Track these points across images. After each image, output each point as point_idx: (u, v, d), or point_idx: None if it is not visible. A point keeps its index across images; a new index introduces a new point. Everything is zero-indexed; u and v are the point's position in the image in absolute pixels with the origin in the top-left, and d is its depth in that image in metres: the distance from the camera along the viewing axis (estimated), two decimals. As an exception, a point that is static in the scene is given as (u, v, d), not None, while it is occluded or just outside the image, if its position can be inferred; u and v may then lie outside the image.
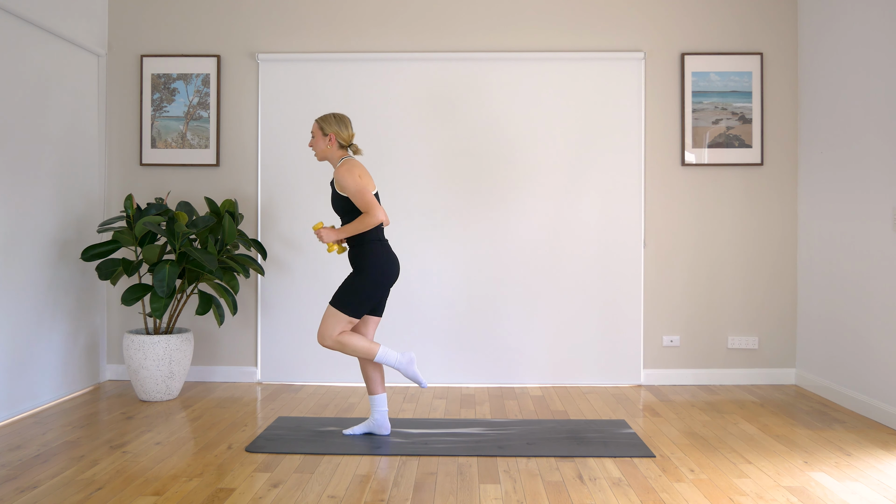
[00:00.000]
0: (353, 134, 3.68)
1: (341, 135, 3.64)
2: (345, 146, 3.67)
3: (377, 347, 3.60)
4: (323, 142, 3.64)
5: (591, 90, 4.93)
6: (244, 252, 5.02)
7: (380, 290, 3.61)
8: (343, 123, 3.66)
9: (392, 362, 3.61)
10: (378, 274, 3.56)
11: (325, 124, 3.64)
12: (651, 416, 4.14)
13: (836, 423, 3.97)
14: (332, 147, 3.64)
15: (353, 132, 3.69)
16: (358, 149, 3.71)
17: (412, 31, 4.97)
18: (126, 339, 4.45)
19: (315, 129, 3.66)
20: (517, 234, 4.92)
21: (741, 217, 4.95)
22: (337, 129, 3.63)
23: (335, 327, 3.55)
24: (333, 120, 3.64)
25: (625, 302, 4.93)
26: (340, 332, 3.56)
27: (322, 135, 3.64)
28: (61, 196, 4.52)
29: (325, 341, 3.57)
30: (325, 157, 3.68)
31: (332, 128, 3.63)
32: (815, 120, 4.73)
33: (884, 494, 2.95)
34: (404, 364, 3.63)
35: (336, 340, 3.56)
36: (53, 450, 3.47)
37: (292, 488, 2.99)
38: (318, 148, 3.67)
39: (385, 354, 3.60)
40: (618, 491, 2.97)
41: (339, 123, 3.65)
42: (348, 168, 3.54)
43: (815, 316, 4.72)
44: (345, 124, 3.66)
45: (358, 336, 3.60)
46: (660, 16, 4.97)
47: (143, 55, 4.99)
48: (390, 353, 3.62)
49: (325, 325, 3.57)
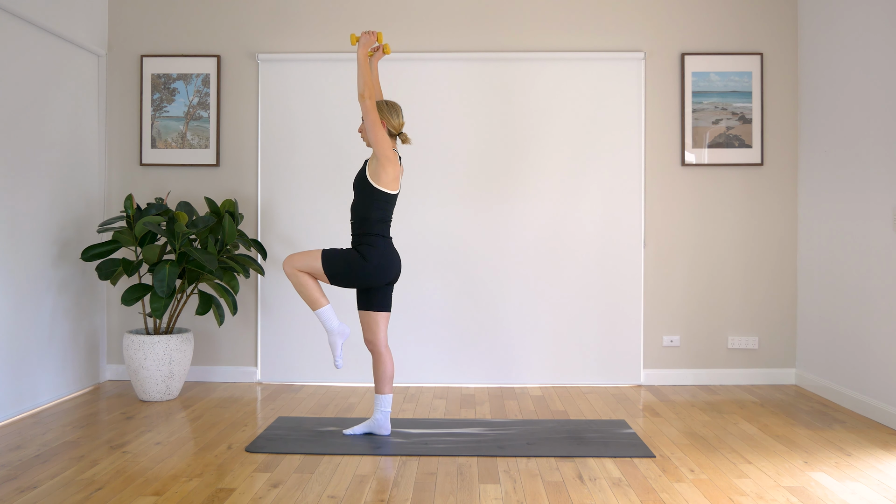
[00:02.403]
0: (403, 122, 3.63)
1: (392, 122, 3.59)
2: (394, 134, 3.62)
3: (324, 304, 3.59)
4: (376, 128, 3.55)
5: (591, 90, 4.93)
6: (244, 252, 5.02)
7: (365, 281, 3.58)
8: (395, 111, 3.60)
9: (326, 323, 3.61)
10: (374, 265, 3.55)
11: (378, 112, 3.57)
12: (651, 416, 4.14)
13: (836, 423, 3.97)
14: (382, 134, 3.53)
15: (404, 121, 3.66)
16: (407, 138, 3.67)
17: (411, 31, 4.97)
18: (126, 339, 4.45)
19: None
20: (517, 233, 4.92)
21: (741, 217, 4.95)
22: (389, 116, 3.58)
23: (306, 262, 3.55)
24: (385, 107, 3.58)
25: (625, 302, 4.93)
26: (303, 270, 3.56)
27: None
28: (61, 196, 4.52)
29: (288, 266, 3.58)
30: (370, 143, 3.59)
31: (383, 115, 3.58)
32: (815, 120, 4.73)
33: (884, 494, 2.95)
34: (335, 332, 3.62)
35: (295, 272, 3.56)
36: (53, 450, 3.47)
37: (292, 488, 2.99)
38: (368, 132, 3.53)
39: (326, 313, 3.59)
40: (618, 491, 2.97)
41: (390, 111, 3.59)
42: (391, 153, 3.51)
43: (815, 316, 4.72)
44: (396, 111, 3.60)
45: (315, 283, 3.59)
46: (660, 16, 4.97)
47: (143, 55, 4.99)
48: (332, 316, 3.61)
49: (300, 254, 3.58)
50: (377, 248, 3.56)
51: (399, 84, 4.93)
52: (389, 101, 3.63)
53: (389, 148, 3.52)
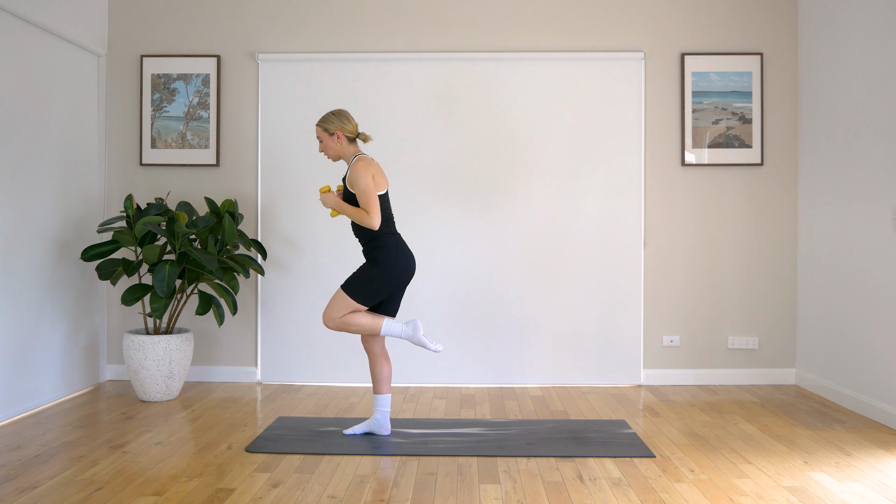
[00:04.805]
0: (356, 124, 3.68)
1: (346, 128, 3.63)
2: (353, 138, 3.67)
3: (381, 321, 3.60)
4: (332, 141, 3.64)
5: (591, 90, 4.93)
6: (244, 252, 5.02)
7: (393, 283, 3.59)
8: (344, 117, 3.65)
9: (398, 333, 3.61)
10: (392, 266, 3.55)
11: (328, 124, 3.63)
12: (651, 416, 4.14)
13: (836, 423, 3.97)
14: (343, 143, 3.63)
15: (356, 122, 3.70)
16: (367, 136, 3.70)
17: (412, 31, 4.97)
18: (126, 339, 4.45)
19: (319, 132, 3.65)
20: (517, 233, 4.92)
21: (741, 217, 4.95)
22: (340, 124, 3.63)
23: (340, 310, 3.56)
24: (333, 117, 3.64)
25: (625, 302, 4.92)
26: (345, 315, 3.56)
27: (328, 135, 3.63)
28: (61, 196, 4.51)
29: (329, 322, 3.59)
30: (340, 156, 3.67)
31: (335, 125, 3.62)
32: (815, 120, 4.73)
33: (884, 494, 2.95)
34: (410, 332, 3.62)
35: (340, 322, 3.57)
36: (53, 450, 3.47)
37: (292, 488, 2.99)
38: (330, 149, 3.65)
39: (390, 327, 3.60)
40: (618, 491, 2.97)
41: (339, 118, 3.64)
42: (365, 165, 3.54)
43: (815, 316, 4.72)
44: (346, 117, 3.65)
45: (360, 316, 3.59)
46: (660, 16, 4.97)
47: (143, 55, 4.99)
48: (395, 325, 3.61)
49: (331, 306, 3.58)
50: (389, 248, 3.57)
51: (399, 84, 4.94)
52: (335, 111, 3.66)
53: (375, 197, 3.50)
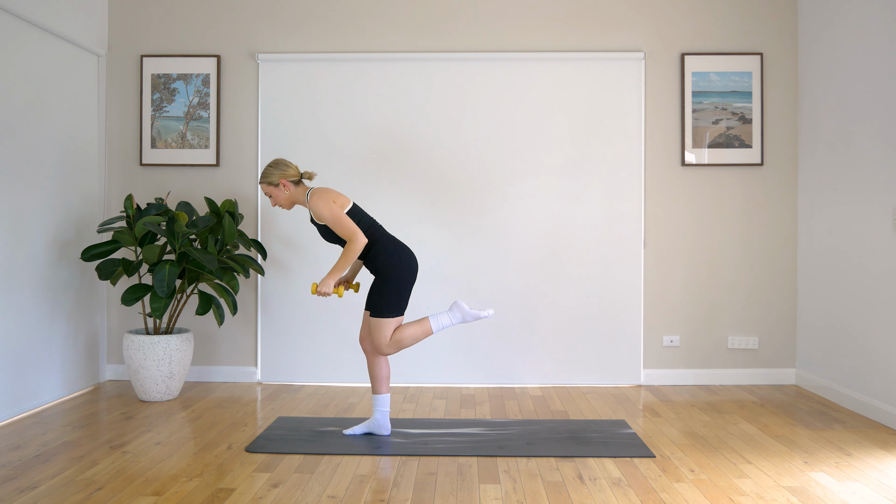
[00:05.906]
0: (296, 166, 3.70)
1: (288, 174, 3.66)
2: (298, 181, 3.69)
3: (427, 323, 3.64)
4: (280, 192, 3.67)
5: (591, 90, 4.93)
6: (244, 252, 5.02)
7: (408, 278, 3.62)
8: (282, 164, 3.67)
9: (448, 323, 3.67)
10: (400, 268, 3.59)
11: (270, 178, 3.65)
12: (651, 416, 4.14)
13: (836, 423, 3.98)
14: (290, 189, 3.66)
15: (295, 164, 3.76)
16: (311, 173, 3.71)
17: (412, 31, 4.97)
18: (126, 339, 4.45)
19: (265, 188, 3.68)
20: (517, 233, 4.92)
21: (741, 217, 4.95)
22: (281, 173, 3.65)
23: (385, 333, 3.60)
24: (272, 170, 3.65)
25: (625, 302, 4.92)
26: (392, 334, 3.61)
27: (275, 187, 3.66)
28: (61, 196, 4.51)
29: (385, 350, 3.63)
30: (294, 202, 3.71)
31: (276, 176, 3.64)
32: (815, 120, 4.73)
33: (884, 494, 2.95)
34: (459, 317, 3.68)
35: (392, 343, 3.61)
36: (53, 450, 3.47)
37: (292, 488, 2.99)
38: (281, 199, 3.68)
39: (439, 322, 3.66)
40: (618, 491, 2.97)
41: (278, 168, 3.66)
42: (319, 196, 3.58)
43: (815, 316, 4.72)
44: (284, 164, 3.67)
45: (405, 326, 3.63)
46: (660, 16, 4.97)
47: (143, 55, 4.99)
48: (441, 318, 3.66)
49: (377, 336, 3.61)
50: (388, 250, 3.60)
51: (399, 84, 4.94)
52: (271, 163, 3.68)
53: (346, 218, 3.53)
